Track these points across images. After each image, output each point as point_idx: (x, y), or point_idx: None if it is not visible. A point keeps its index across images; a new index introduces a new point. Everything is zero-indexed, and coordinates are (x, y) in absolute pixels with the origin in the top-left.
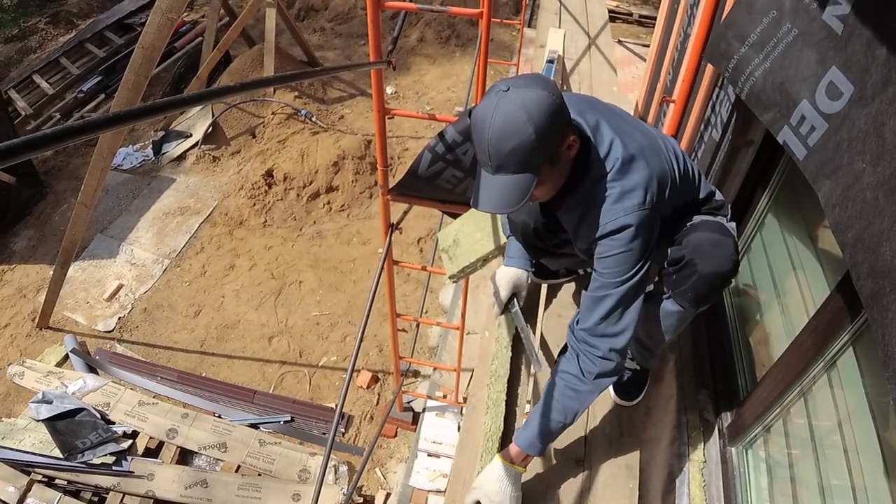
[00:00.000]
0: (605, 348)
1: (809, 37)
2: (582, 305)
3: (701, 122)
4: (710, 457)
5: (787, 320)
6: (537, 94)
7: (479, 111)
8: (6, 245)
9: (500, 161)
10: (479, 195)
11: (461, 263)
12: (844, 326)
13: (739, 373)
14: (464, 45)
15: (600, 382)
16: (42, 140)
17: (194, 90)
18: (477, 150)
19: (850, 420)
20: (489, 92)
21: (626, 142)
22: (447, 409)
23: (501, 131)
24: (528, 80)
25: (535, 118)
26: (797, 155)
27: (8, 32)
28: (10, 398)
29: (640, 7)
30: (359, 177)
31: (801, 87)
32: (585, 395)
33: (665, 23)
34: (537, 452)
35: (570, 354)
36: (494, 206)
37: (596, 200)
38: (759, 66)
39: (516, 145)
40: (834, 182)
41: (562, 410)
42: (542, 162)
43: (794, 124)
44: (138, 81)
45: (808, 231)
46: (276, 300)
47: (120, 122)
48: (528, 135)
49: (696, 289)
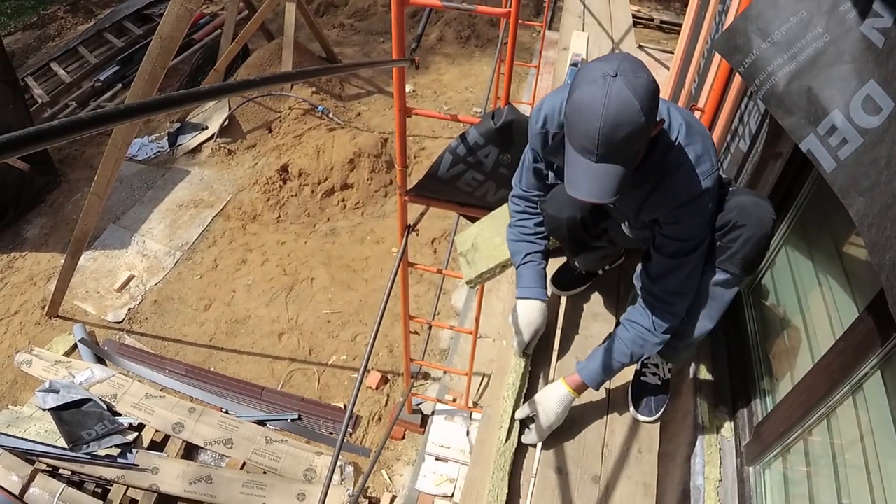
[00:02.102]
0: (680, 304)
1: (844, 46)
2: (658, 267)
3: (728, 132)
4: (726, 475)
5: (812, 339)
6: (644, 79)
7: (584, 96)
8: (18, 232)
9: (609, 149)
10: (577, 183)
11: (480, 269)
12: (874, 349)
13: (759, 391)
14: (483, 45)
15: (666, 336)
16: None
17: (211, 83)
18: (579, 136)
19: (874, 443)
20: (589, 75)
21: (678, 110)
22: (456, 413)
23: (616, 119)
24: (630, 63)
25: (646, 106)
26: (824, 166)
27: (27, 20)
28: (16, 386)
29: (662, 12)
30: (374, 175)
31: (833, 95)
32: (652, 346)
33: (691, 30)
34: (595, 386)
35: (640, 307)
36: (597, 195)
37: (670, 169)
38: (783, 67)
39: (629, 133)
40: (870, 200)
41: (628, 354)
42: (643, 147)
43: (823, 134)
44: (155, 72)
45: (836, 248)
46: (287, 296)
47: (134, 114)
48: (640, 123)
49: (745, 251)
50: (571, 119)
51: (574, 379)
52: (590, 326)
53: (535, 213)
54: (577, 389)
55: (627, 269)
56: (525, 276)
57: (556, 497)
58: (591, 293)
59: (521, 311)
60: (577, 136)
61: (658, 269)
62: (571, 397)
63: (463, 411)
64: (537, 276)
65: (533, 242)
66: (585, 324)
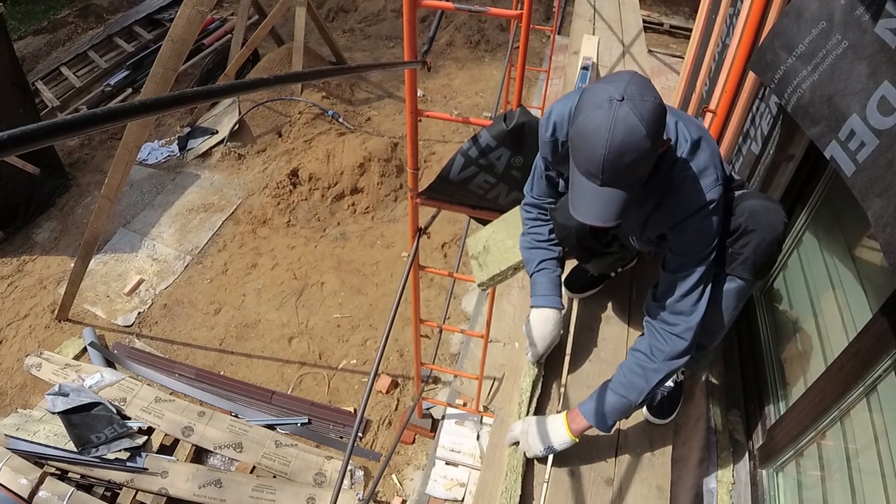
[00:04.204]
0: (681, 326)
1: (861, 50)
2: (662, 284)
3: (739, 134)
4: (739, 479)
5: (825, 341)
6: (651, 104)
7: (590, 122)
8: (28, 236)
9: (614, 174)
10: (581, 206)
11: (491, 271)
12: (888, 350)
13: (772, 394)
14: (493, 50)
15: (670, 364)
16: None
17: None
18: (584, 160)
19: (889, 446)
20: (594, 98)
21: (688, 125)
22: (467, 417)
23: (622, 146)
24: (637, 85)
25: (652, 131)
26: (845, 171)
27: (37, 24)
28: (26, 389)
29: (671, 17)
30: (384, 179)
31: (850, 100)
32: (652, 374)
33: (701, 33)
34: (598, 424)
35: (644, 335)
36: (600, 219)
37: (673, 185)
38: (808, 78)
39: (634, 160)
40: (885, 201)
41: (626, 385)
42: (648, 170)
43: (843, 139)
44: (166, 75)
45: (849, 250)
46: (297, 301)
47: (148, 110)
48: (646, 150)
49: (756, 256)
50: (576, 143)
51: (573, 413)
52: (603, 329)
53: (547, 221)
54: (576, 429)
55: (640, 270)
56: (539, 283)
57: (569, 499)
58: (603, 295)
59: (534, 320)
60: (582, 161)
61: (662, 287)
62: (567, 438)
63: (474, 415)
64: (552, 284)
65: (547, 249)
66: (598, 327)
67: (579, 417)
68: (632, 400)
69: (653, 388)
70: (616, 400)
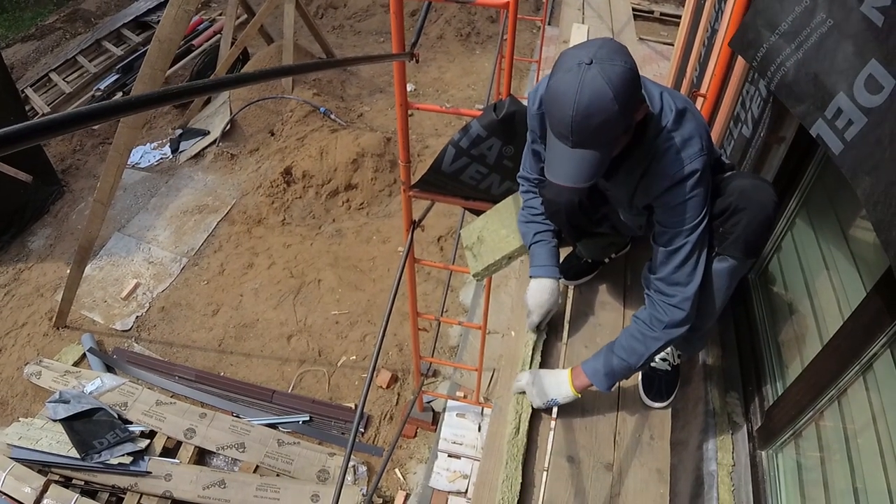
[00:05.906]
0: (679, 296)
1: (846, 28)
2: (656, 258)
3: (731, 117)
4: (739, 461)
5: (820, 322)
6: (620, 67)
7: (559, 84)
8: (24, 244)
9: (584, 136)
10: (555, 168)
11: (486, 261)
12: (883, 328)
13: (769, 375)
14: (484, 42)
15: (669, 332)
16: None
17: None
18: (555, 122)
19: (886, 422)
20: (566, 62)
21: (673, 96)
22: (468, 409)
23: (588, 108)
24: (608, 49)
25: (621, 94)
26: (833, 149)
27: (25, 31)
28: (27, 398)
29: (661, 4)
30: (378, 175)
31: (837, 79)
32: (651, 342)
33: (691, 18)
34: (598, 383)
35: (645, 305)
36: (573, 180)
37: (657, 154)
38: (791, 57)
39: (602, 122)
40: (875, 178)
41: (627, 349)
42: (620, 134)
43: (830, 117)
44: (154, 75)
45: (842, 230)
46: (295, 299)
47: (135, 107)
48: (613, 111)
49: (747, 235)
50: (548, 106)
51: (577, 371)
52: (598, 315)
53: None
54: (579, 386)
55: (634, 257)
56: (537, 254)
57: (569, 485)
58: (598, 282)
59: (532, 289)
60: (554, 123)
61: (656, 260)
62: (570, 393)
63: (474, 407)
64: (549, 255)
65: (542, 223)
66: (593, 312)
67: (582, 375)
68: (631, 364)
69: (652, 354)
70: (617, 362)
